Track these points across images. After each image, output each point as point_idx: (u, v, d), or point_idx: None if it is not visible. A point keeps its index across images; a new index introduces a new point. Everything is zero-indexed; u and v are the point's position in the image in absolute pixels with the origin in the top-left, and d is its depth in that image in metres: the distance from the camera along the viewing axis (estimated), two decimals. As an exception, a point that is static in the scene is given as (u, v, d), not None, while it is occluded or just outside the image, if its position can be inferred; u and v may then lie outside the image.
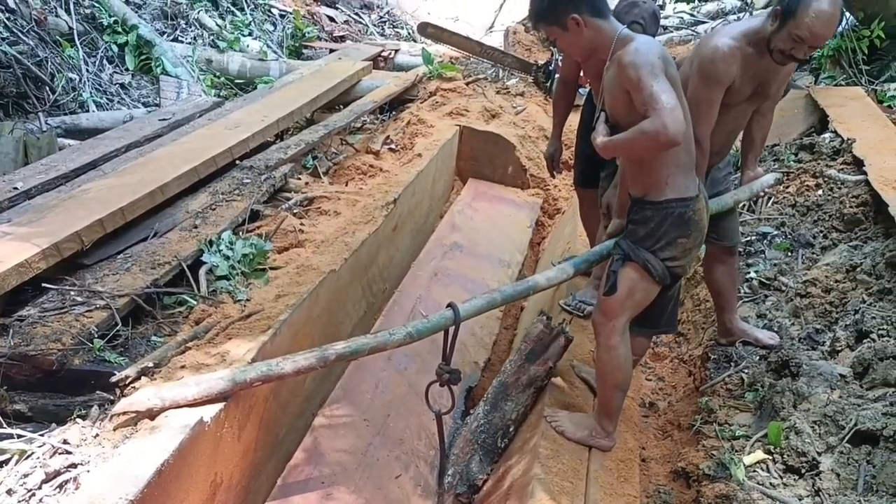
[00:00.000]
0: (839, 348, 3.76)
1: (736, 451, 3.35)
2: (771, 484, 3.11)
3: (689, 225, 3.03)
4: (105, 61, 8.74)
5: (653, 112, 2.70)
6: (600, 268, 3.64)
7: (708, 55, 3.36)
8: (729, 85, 3.37)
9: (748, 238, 5.14)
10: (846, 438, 3.10)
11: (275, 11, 11.75)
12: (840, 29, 7.94)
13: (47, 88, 7.67)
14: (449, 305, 3.22)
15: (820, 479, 3.02)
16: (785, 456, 3.18)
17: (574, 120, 4.65)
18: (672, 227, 3.01)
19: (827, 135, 6.23)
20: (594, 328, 3.28)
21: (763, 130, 3.91)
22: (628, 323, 3.19)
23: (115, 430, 2.66)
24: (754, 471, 3.20)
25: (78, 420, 2.86)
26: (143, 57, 9.07)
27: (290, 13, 11.70)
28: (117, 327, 3.55)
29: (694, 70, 3.36)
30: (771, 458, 3.23)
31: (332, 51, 10.54)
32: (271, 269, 4.19)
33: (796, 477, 3.12)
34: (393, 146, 6.78)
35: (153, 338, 3.61)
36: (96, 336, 3.41)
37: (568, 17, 2.93)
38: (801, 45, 3.23)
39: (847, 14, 7.85)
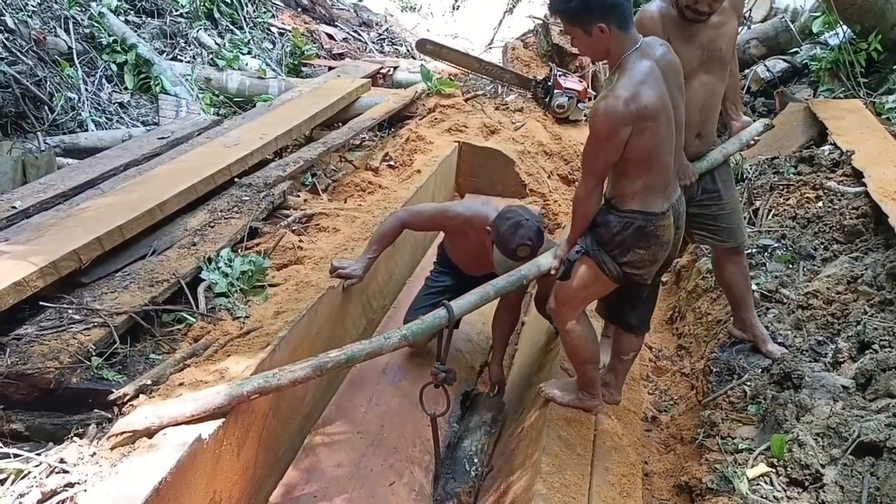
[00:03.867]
0: (841, 360, 3.74)
1: (739, 464, 3.33)
2: (774, 497, 3.09)
3: (649, 238, 3.15)
4: (104, 80, 8.76)
5: (582, 178, 3.16)
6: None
7: (637, 19, 3.44)
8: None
9: (749, 251, 5.12)
10: (849, 450, 3.08)
11: (274, 30, 11.82)
12: (837, 42, 7.97)
13: (46, 108, 7.69)
14: (442, 304, 3.24)
15: (824, 492, 3.00)
16: (788, 469, 3.16)
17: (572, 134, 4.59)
18: (630, 236, 3.14)
19: (826, 147, 6.24)
20: (552, 314, 3.58)
21: (731, 78, 3.89)
22: (582, 308, 3.45)
23: (112, 448, 2.64)
24: (758, 484, 3.18)
25: (75, 439, 2.83)
26: (142, 76, 9.09)
27: (289, 31, 11.76)
28: (115, 345, 3.53)
29: None
30: (774, 471, 3.20)
31: (330, 68, 10.56)
32: (270, 285, 4.17)
33: (800, 490, 3.10)
34: (392, 163, 6.77)
35: (151, 355, 3.59)
36: (94, 354, 3.38)
37: (594, 25, 2.96)
38: (702, 1, 3.40)
39: (844, 27, 7.89)
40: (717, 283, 4.38)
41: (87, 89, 8.39)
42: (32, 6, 8.62)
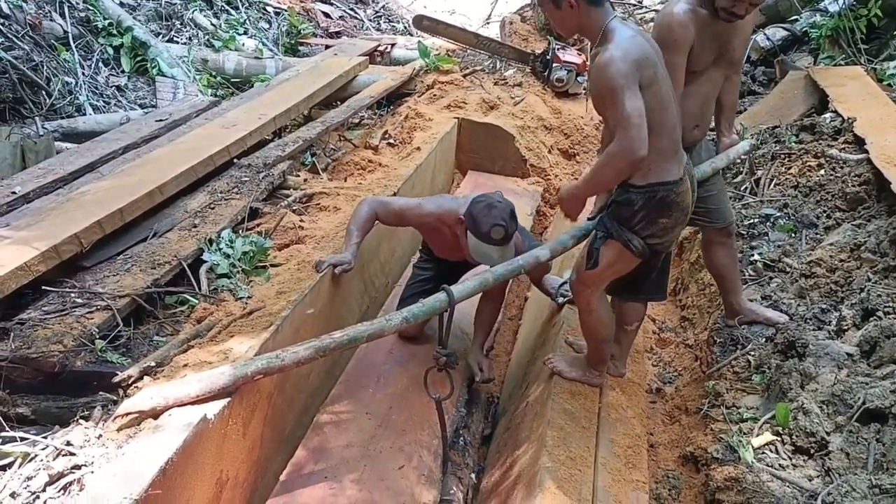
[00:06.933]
0: (845, 327, 3.73)
1: (744, 433, 3.33)
2: (780, 465, 3.09)
3: (671, 207, 3.13)
4: (101, 64, 8.73)
5: (619, 132, 2.88)
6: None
7: (665, 22, 3.44)
8: (690, 49, 3.41)
9: (751, 220, 5.11)
10: (855, 417, 3.08)
11: (269, 9, 11.73)
12: (837, 8, 7.91)
13: (44, 93, 7.67)
14: (442, 288, 3.24)
15: (829, 459, 3.00)
16: (793, 437, 3.16)
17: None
18: (654, 209, 3.11)
19: (827, 115, 6.20)
20: (574, 295, 3.54)
21: (732, 95, 3.93)
22: (604, 287, 3.41)
23: (118, 430, 2.65)
24: (763, 453, 3.19)
25: (81, 421, 2.85)
26: (138, 59, 9.05)
27: (285, 10, 11.68)
28: (119, 328, 3.54)
29: (655, 39, 3.39)
30: (779, 439, 3.21)
31: (327, 47, 10.51)
32: (272, 266, 4.18)
33: (805, 457, 3.10)
34: (391, 141, 6.76)
35: (155, 337, 3.60)
36: (98, 337, 3.39)
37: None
38: (741, 3, 3.34)
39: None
40: (707, 269, 4.36)
41: (84, 73, 8.35)
42: (27, -10, 8.57)
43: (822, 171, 5.36)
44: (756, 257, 4.67)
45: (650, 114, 2.93)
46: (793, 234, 4.84)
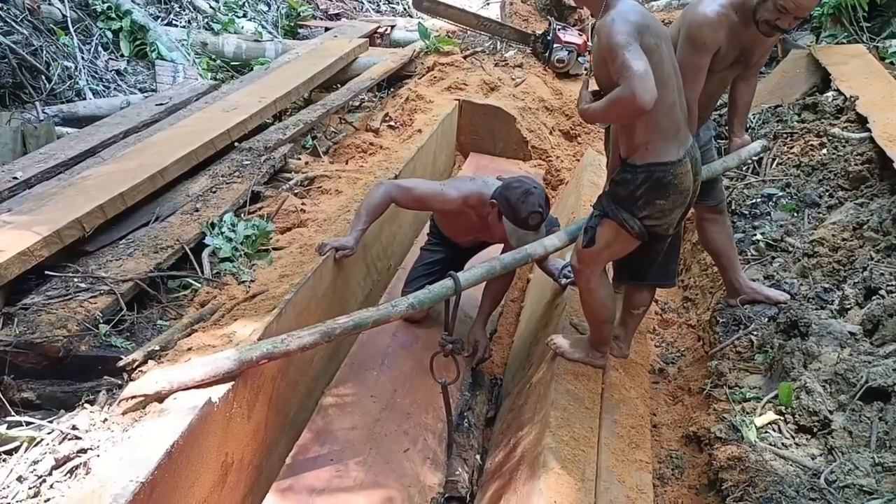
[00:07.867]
0: (848, 306, 3.74)
1: (747, 413, 3.34)
2: (783, 444, 3.10)
3: (668, 188, 3.11)
4: (100, 48, 8.70)
5: (622, 81, 2.82)
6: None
7: (696, 21, 3.40)
8: (716, 51, 3.40)
9: (754, 200, 5.10)
10: (857, 396, 3.09)
11: (269, -9, 11.69)
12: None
13: (43, 77, 7.65)
14: (449, 275, 3.25)
15: (832, 438, 3.01)
16: (796, 416, 3.17)
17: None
18: (650, 189, 3.10)
19: (830, 93, 6.18)
20: (574, 275, 3.56)
21: (747, 96, 3.95)
22: (605, 266, 3.47)
23: (123, 414, 2.66)
24: (766, 432, 3.19)
25: (86, 405, 2.86)
26: (137, 42, 9.02)
27: (284, -8, 11.63)
28: (122, 312, 3.53)
29: (682, 36, 3.39)
30: (782, 418, 3.21)
31: (327, 29, 10.48)
32: (274, 249, 4.17)
33: (808, 436, 3.11)
34: (392, 123, 6.73)
35: (159, 321, 3.60)
36: (102, 322, 3.39)
37: None
38: (785, 16, 3.29)
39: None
40: (704, 247, 4.36)
41: (83, 57, 8.33)
42: (24, -25, 8.53)
43: (825, 150, 5.36)
44: (759, 237, 4.67)
45: None
46: (795, 214, 4.84)
